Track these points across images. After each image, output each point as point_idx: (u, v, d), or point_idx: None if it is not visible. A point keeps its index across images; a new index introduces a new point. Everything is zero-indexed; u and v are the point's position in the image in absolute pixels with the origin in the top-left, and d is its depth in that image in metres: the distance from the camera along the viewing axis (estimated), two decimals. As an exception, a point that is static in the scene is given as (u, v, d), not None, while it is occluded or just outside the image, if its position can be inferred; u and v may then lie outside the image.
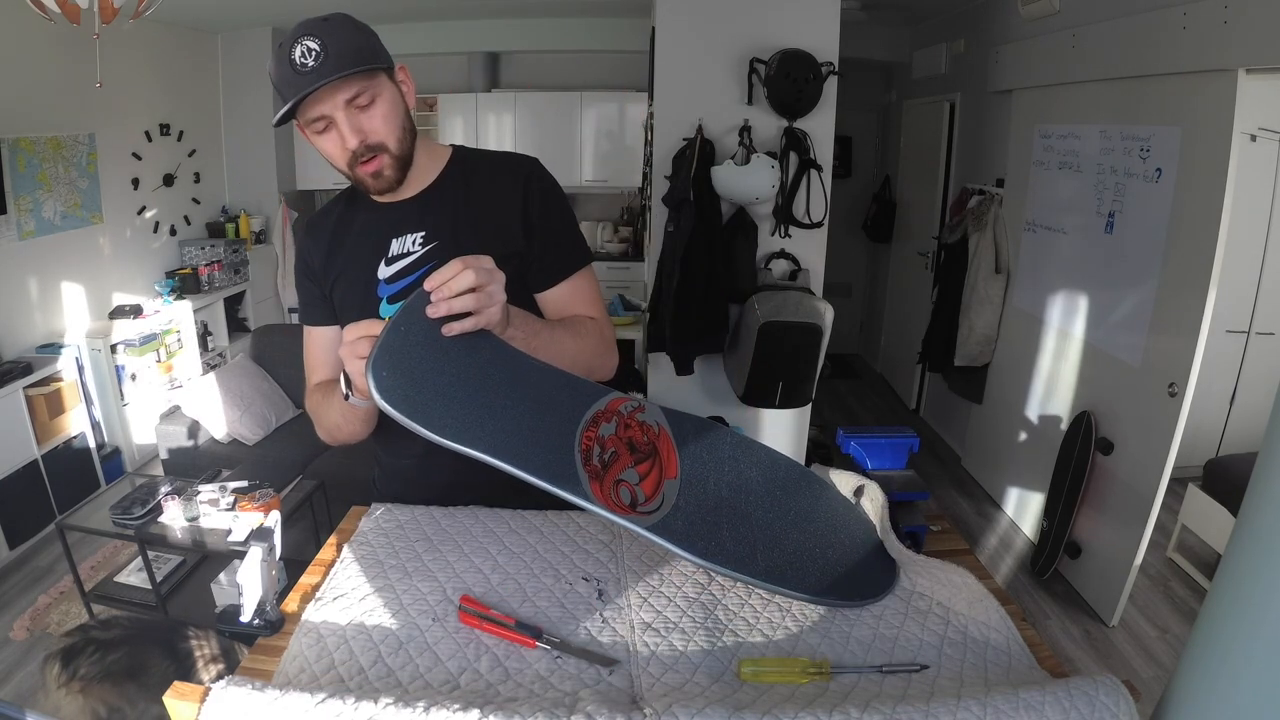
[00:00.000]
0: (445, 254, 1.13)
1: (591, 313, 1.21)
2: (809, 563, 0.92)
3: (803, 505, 0.99)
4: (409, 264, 1.15)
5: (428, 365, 0.85)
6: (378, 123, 1.07)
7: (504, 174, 1.19)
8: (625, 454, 0.90)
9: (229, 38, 5.03)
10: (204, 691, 0.72)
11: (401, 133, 1.10)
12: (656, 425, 0.95)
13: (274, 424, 3.53)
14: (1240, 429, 3.60)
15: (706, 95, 2.70)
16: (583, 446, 0.87)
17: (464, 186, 1.18)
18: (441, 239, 1.15)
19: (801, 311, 2.59)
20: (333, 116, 1.04)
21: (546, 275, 1.19)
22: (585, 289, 1.22)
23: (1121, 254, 2.72)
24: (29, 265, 3.56)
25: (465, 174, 1.19)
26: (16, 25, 3.25)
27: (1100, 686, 0.71)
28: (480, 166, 1.21)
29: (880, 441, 1.12)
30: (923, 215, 4.70)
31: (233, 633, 0.88)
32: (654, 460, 0.91)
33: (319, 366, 1.25)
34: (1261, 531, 0.65)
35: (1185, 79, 2.37)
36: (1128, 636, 2.66)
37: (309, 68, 1.00)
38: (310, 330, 1.25)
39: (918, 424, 4.69)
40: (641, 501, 0.86)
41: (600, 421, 0.91)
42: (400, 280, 1.16)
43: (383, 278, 1.16)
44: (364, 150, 1.06)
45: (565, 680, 0.78)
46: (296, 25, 1.04)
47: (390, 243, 1.16)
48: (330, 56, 1.00)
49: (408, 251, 1.16)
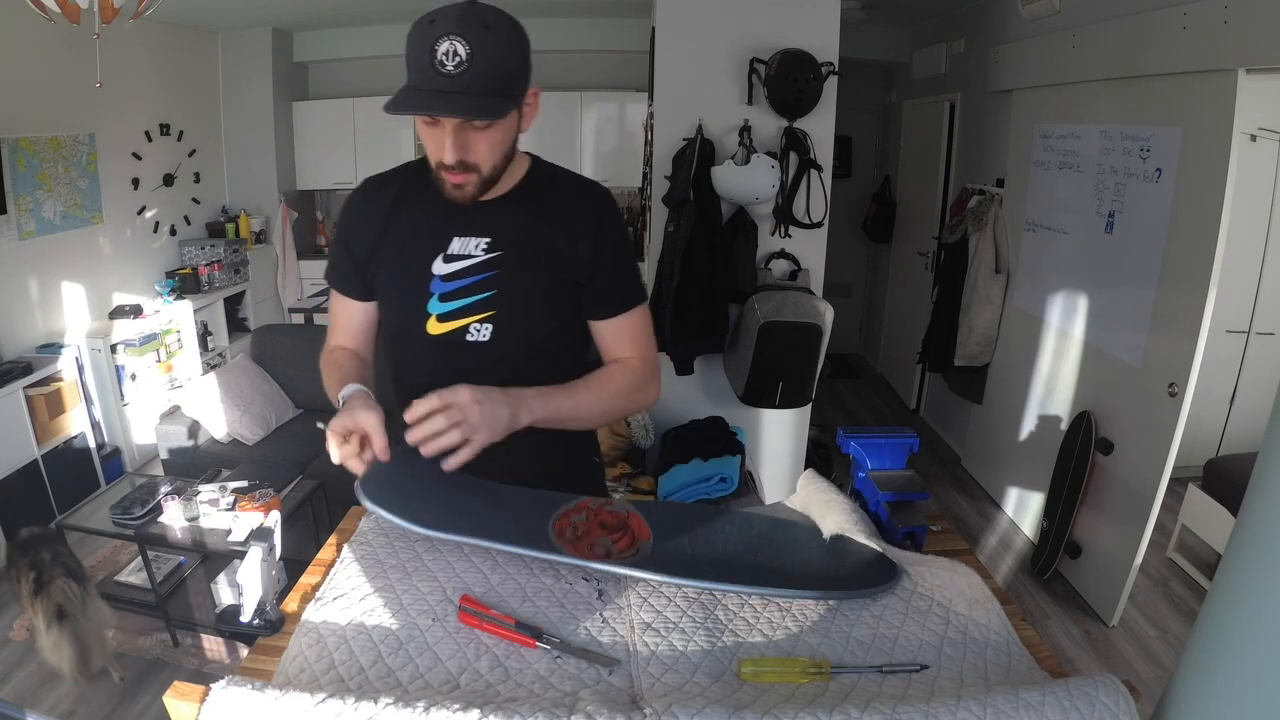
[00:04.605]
0: (506, 266, 1.13)
1: (635, 350, 1.21)
2: (795, 572, 0.95)
3: (783, 539, 1.03)
4: (469, 266, 1.14)
5: (411, 485, 0.99)
6: (483, 148, 1.04)
7: (577, 200, 1.18)
8: (597, 530, 0.99)
9: (229, 38, 5.03)
10: (204, 691, 0.72)
11: (501, 159, 1.08)
12: (625, 510, 1.05)
13: (274, 424, 3.52)
14: (1240, 429, 3.60)
15: (706, 95, 2.69)
16: (556, 529, 0.97)
17: (537, 203, 1.16)
18: (505, 250, 1.14)
19: (801, 311, 2.59)
20: (443, 123, 1.01)
21: (599, 308, 1.19)
22: (634, 327, 1.21)
23: (1121, 254, 2.72)
24: (29, 265, 3.56)
25: (540, 190, 1.17)
26: (16, 25, 3.25)
27: (1100, 686, 0.71)
28: (556, 185, 1.18)
29: (880, 441, 1.12)
30: (923, 215, 4.69)
31: (233, 633, 0.88)
32: (625, 530, 1.00)
33: (339, 330, 1.26)
34: (1261, 531, 0.65)
35: (1185, 79, 2.37)
36: (1128, 636, 2.66)
37: (447, 72, 0.95)
38: (336, 294, 1.25)
39: (918, 424, 4.68)
40: (616, 553, 0.94)
41: (571, 515, 1.02)
42: (457, 280, 1.14)
43: (438, 273, 1.14)
44: (458, 165, 1.04)
45: (565, 680, 0.78)
46: (458, 8, 0.97)
47: (452, 240, 1.14)
48: (472, 73, 0.95)
49: (469, 254, 1.14)
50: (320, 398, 4.38)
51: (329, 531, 1.15)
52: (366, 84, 5.40)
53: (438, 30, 0.95)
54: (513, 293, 1.14)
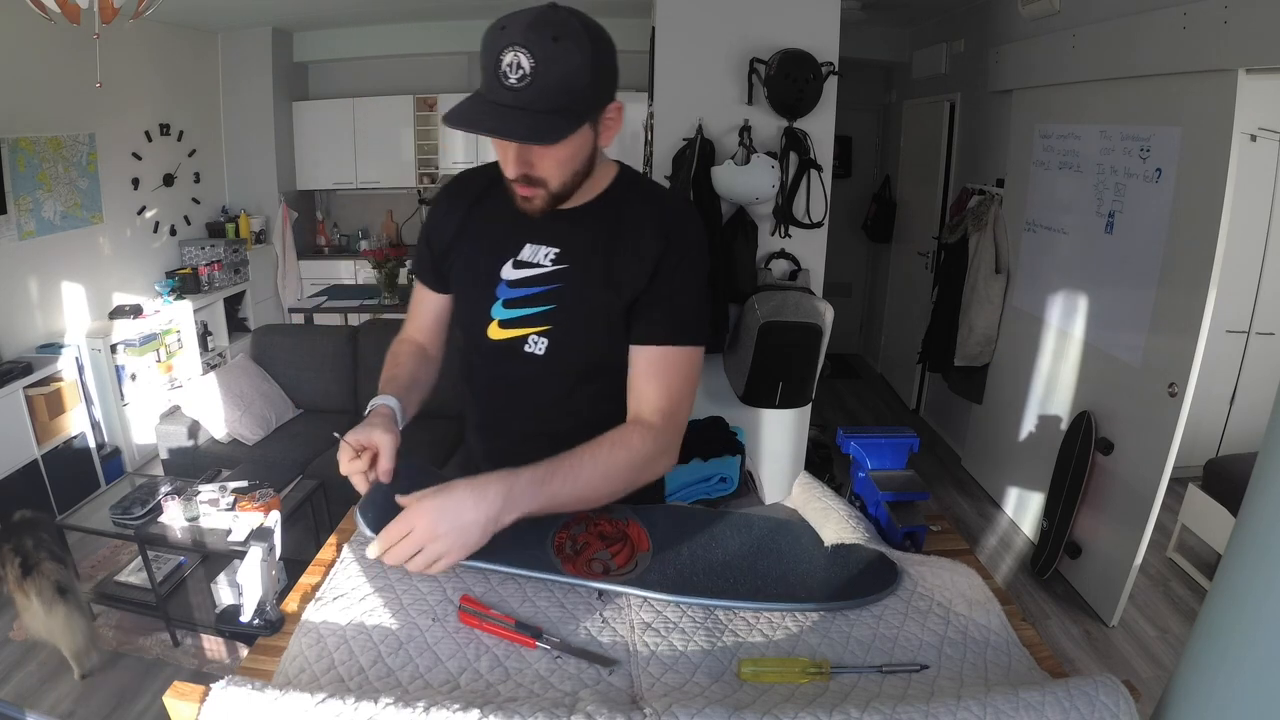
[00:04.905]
0: (571, 281, 1.09)
1: (661, 396, 1.07)
2: (796, 582, 0.94)
3: (785, 545, 1.03)
4: (535, 276, 1.10)
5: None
6: (548, 164, 0.99)
7: (656, 221, 1.09)
8: (596, 543, 0.99)
9: (229, 38, 5.03)
10: (204, 691, 0.72)
11: (571, 176, 1.02)
12: (625, 518, 1.04)
13: (274, 424, 3.52)
14: (1240, 429, 3.60)
15: (706, 95, 2.69)
16: (555, 544, 0.97)
17: (615, 220, 1.09)
18: (573, 264, 1.09)
19: (801, 311, 2.58)
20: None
21: (636, 329, 1.09)
22: (670, 366, 1.08)
23: (1121, 254, 2.72)
24: (29, 265, 3.56)
25: (620, 204, 1.10)
26: (16, 25, 3.25)
27: (1100, 686, 0.71)
28: (638, 201, 1.11)
29: (880, 441, 1.12)
30: (923, 215, 4.69)
31: (233, 633, 0.88)
32: (625, 542, 0.99)
33: (413, 319, 1.27)
34: (1261, 531, 0.65)
35: (1185, 79, 2.37)
36: (1128, 636, 2.66)
37: (510, 85, 0.89)
38: (417, 283, 1.25)
39: (918, 424, 4.68)
40: (615, 569, 0.94)
41: (571, 525, 1.01)
42: (522, 289, 1.11)
43: (506, 278, 1.12)
44: (522, 179, 1.00)
45: (565, 680, 0.78)
46: (531, 13, 0.89)
47: (524, 245, 1.11)
48: (535, 87, 0.89)
49: (537, 263, 1.10)
50: (320, 398, 4.37)
51: (329, 531, 1.15)
52: (366, 84, 5.41)
53: (505, 39, 0.88)
54: (573, 309, 1.10)
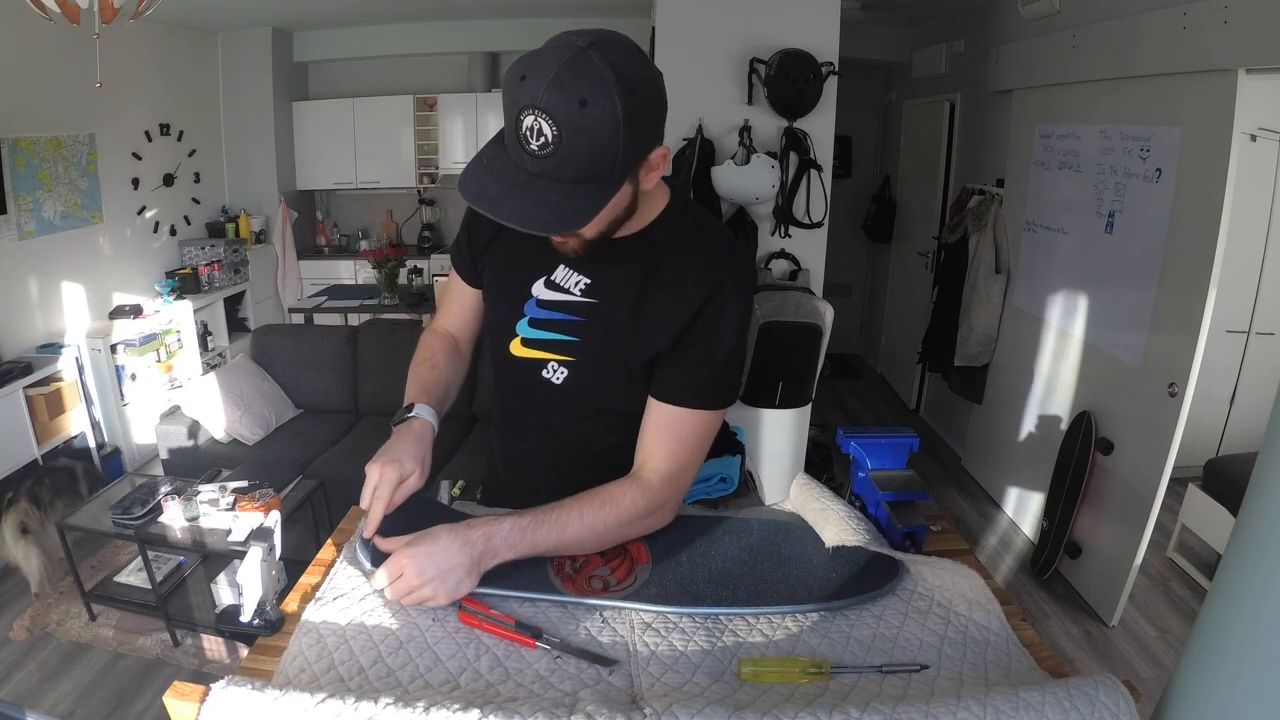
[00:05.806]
0: (598, 319, 1.04)
1: (667, 457, 1.01)
2: (797, 584, 0.94)
3: (785, 548, 1.02)
4: (563, 302, 1.06)
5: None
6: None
7: (697, 273, 1.00)
8: (595, 559, 0.98)
9: (229, 38, 5.03)
10: (204, 691, 0.72)
11: (608, 225, 0.95)
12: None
13: (274, 424, 3.52)
14: (1240, 429, 3.60)
15: (706, 95, 2.69)
16: (555, 564, 0.96)
17: (654, 263, 1.02)
18: (602, 300, 1.04)
19: (801, 311, 2.59)
20: None
21: (658, 387, 1.03)
22: (681, 428, 1.02)
23: (1121, 254, 2.72)
24: (29, 265, 3.56)
25: (664, 244, 1.02)
26: (16, 25, 3.25)
27: (1100, 687, 0.71)
28: (684, 240, 1.02)
29: (880, 441, 1.11)
30: (923, 215, 4.69)
31: (233, 633, 0.88)
32: (624, 557, 0.99)
33: (447, 310, 1.24)
34: (1261, 531, 0.65)
35: (1185, 79, 2.37)
36: (1128, 636, 2.66)
37: (531, 151, 0.81)
38: (453, 273, 1.22)
39: (918, 424, 4.68)
40: (614, 585, 0.93)
41: None
42: (550, 311, 1.06)
43: (537, 296, 1.07)
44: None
45: (565, 680, 0.78)
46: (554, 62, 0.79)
47: (559, 265, 1.05)
48: (559, 156, 0.80)
49: (568, 289, 1.05)
50: (320, 398, 4.37)
51: (329, 531, 1.15)
52: (366, 84, 5.41)
53: (525, 96, 0.79)
54: (594, 349, 1.05)
